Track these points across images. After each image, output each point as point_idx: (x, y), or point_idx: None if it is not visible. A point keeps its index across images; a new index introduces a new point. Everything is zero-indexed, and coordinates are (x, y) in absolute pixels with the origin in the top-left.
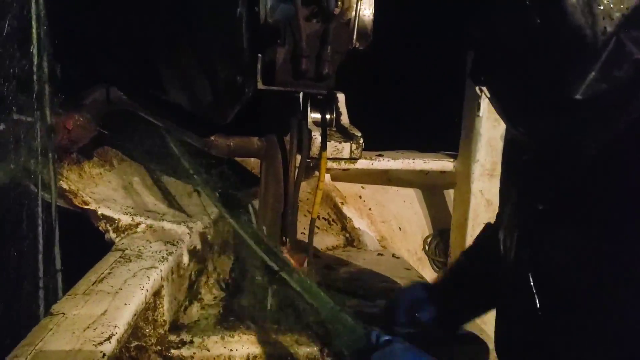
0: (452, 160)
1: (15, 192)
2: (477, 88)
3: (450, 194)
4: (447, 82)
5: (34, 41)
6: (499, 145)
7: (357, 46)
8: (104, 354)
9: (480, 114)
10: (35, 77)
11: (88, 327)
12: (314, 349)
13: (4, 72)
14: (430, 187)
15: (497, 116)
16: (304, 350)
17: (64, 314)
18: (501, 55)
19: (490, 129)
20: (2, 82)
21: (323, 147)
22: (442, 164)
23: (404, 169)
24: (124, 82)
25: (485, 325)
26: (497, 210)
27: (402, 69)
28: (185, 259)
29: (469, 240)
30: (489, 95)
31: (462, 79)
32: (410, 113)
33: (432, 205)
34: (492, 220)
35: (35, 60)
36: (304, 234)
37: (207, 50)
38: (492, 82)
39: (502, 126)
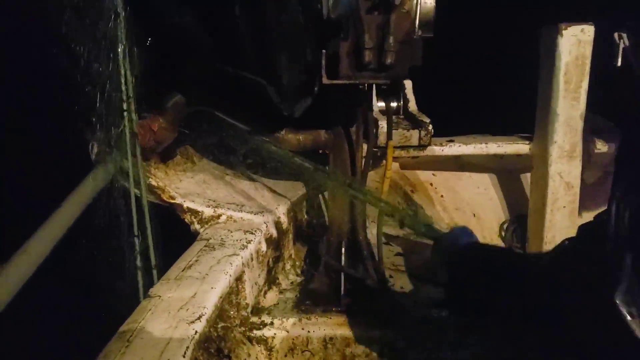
0: (527, 142)
1: (115, 192)
2: (615, 34)
3: (527, 177)
4: (519, 60)
5: (120, 54)
6: (579, 125)
7: (420, 34)
8: (196, 331)
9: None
10: (123, 87)
11: (181, 308)
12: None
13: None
14: (506, 172)
15: (576, 94)
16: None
17: (159, 296)
18: None
19: (568, 108)
20: (96, 95)
21: (389, 135)
22: (517, 147)
23: (477, 154)
24: (202, 85)
25: None
26: (577, 193)
27: (470, 49)
28: (264, 246)
29: (548, 225)
30: (627, 43)
31: (535, 55)
32: (481, 95)
33: (508, 190)
34: (571, 204)
35: (122, 71)
36: (374, 222)
37: (276, 50)
38: None
39: (581, 105)
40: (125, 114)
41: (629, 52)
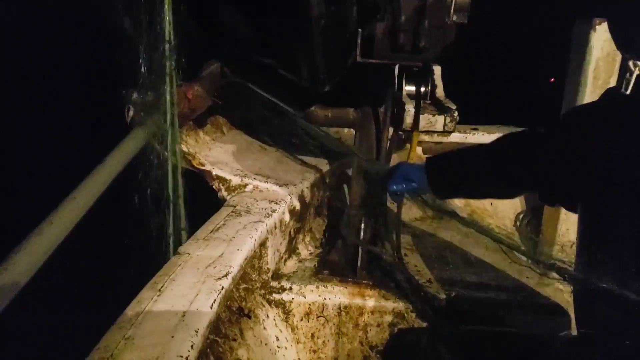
0: None
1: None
2: (630, 62)
3: None
4: (548, 54)
5: (165, 22)
6: None
7: (455, 20)
8: (222, 287)
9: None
10: (164, 53)
11: (209, 265)
12: (399, 304)
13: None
14: None
15: (602, 91)
16: (390, 304)
17: (189, 254)
18: None
19: None
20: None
21: (416, 120)
22: None
23: None
24: (237, 57)
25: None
26: None
27: (502, 41)
28: (287, 217)
29: (563, 218)
30: None
31: (565, 50)
32: (508, 87)
33: None
34: None
35: (166, 37)
36: (393, 203)
37: (310, 25)
38: None
39: None
40: (167, 78)
41: None
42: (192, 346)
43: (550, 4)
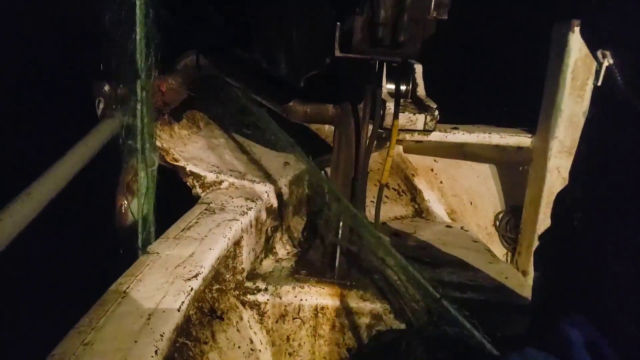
0: (529, 135)
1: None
2: (599, 52)
3: (525, 171)
4: (527, 54)
5: (137, 10)
6: (580, 122)
7: (435, 15)
8: (192, 288)
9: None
10: (136, 44)
11: (178, 265)
12: (377, 306)
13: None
14: (506, 163)
15: (581, 91)
16: (368, 306)
17: (158, 253)
18: None
19: (572, 105)
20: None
21: (395, 115)
22: (519, 139)
23: (479, 144)
24: (213, 48)
25: None
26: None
27: (482, 40)
28: (263, 215)
29: (542, 217)
30: (611, 62)
31: (544, 52)
32: (488, 87)
33: (506, 181)
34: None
35: (137, 28)
36: (373, 202)
37: (290, 17)
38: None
39: (585, 102)
40: (139, 70)
41: (613, 71)
42: (156, 351)
43: (530, 4)
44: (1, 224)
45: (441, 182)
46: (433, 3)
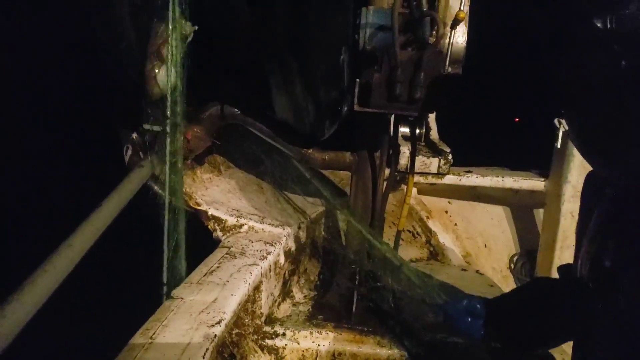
0: (542, 179)
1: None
2: (556, 120)
3: (539, 213)
4: (539, 100)
5: (169, 62)
6: None
7: (449, 71)
8: (215, 335)
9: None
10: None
11: (202, 312)
12: (394, 352)
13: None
14: (519, 206)
15: None
16: (385, 352)
17: (182, 298)
18: (588, 92)
19: None
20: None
21: (411, 164)
22: (532, 183)
23: (493, 187)
24: (237, 99)
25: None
26: None
27: (494, 86)
28: (282, 258)
29: (557, 261)
30: (567, 128)
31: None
32: (501, 130)
33: (521, 224)
34: None
35: (169, 79)
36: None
37: (311, 75)
38: (575, 116)
39: None
40: (168, 121)
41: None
42: None
43: (542, 50)
44: (47, 274)
45: (455, 224)
46: (448, 60)
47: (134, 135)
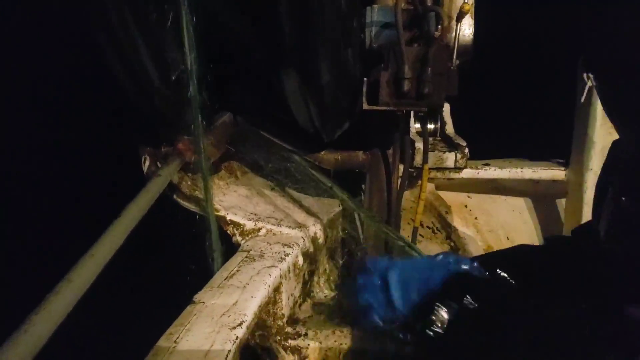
0: (563, 168)
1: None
2: (585, 75)
3: (562, 203)
4: (557, 86)
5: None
6: None
7: (457, 64)
8: (237, 337)
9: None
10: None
11: (223, 314)
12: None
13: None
14: (541, 196)
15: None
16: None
17: (203, 302)
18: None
19: (605, 136)
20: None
21: (425, 158)
22: (552, 172)
23: (512, 178)
24: (249, 106)
25: None
26: None
27: (509, 74)
28: (300, 260)
29: None
30: (594, 84)
31: (573, 83)
32: (518, 120)
33: (543, 214)
34: None
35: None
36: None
37: (318, 76)
38: (607, 74)
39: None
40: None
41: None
42: None
43: (559, 37)
44: (71, 284)
45: (476, 218)
46: (455, 54)
47: (152, 146)
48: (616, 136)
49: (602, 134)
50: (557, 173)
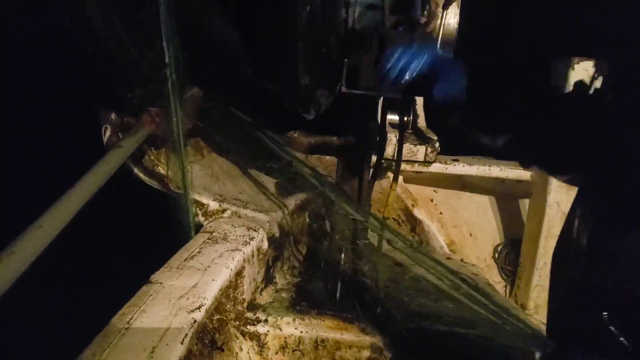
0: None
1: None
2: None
3: (525, 203)
4: (528, 87)
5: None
6: None
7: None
8: (195, 320)
9: None
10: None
11: (182, 297)
12: (378, 338)
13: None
14: (506, 196)
15: None
16: (368, 339)
17: (161, 283)
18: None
19: None
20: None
21: (399, 150)
22: (519, 172)
23: (480, 176)
24: (222, 80)
25: None
26: None
27: (482, 72)
28: (265, 244)
29: (541, 252)
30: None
31: (544, 85)
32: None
33: (506, 213)
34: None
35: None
36: (373, 233)
37: (297, 53)
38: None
39: None
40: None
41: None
42: None
43: (529, 39)
44: (14, 256)
45: (441, 212)
46: (439, 42)
47: (113, 115)
48: None
49: None
50: (523, 173)
